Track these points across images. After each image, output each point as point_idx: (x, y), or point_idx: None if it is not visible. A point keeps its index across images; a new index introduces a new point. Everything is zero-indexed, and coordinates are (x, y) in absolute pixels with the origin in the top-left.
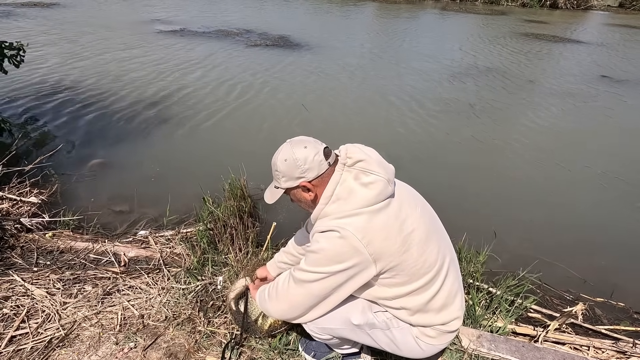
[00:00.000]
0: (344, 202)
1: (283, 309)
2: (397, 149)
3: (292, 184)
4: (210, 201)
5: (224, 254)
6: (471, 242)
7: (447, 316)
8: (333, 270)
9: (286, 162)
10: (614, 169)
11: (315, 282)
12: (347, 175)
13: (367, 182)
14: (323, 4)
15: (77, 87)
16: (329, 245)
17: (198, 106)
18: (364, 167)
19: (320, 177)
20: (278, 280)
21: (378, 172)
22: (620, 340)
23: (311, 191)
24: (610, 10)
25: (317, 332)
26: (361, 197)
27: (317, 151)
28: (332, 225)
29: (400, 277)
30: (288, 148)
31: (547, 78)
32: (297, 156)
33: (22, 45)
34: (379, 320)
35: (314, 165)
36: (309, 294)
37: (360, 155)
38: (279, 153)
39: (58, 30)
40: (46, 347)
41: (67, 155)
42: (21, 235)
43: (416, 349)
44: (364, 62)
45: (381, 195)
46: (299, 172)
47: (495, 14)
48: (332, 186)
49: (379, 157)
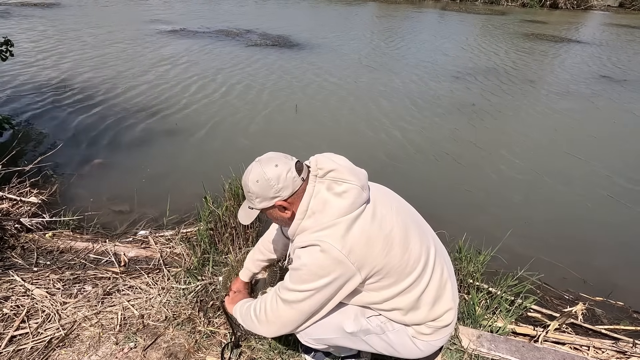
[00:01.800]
0: (320, 215)
1: (273, 330)
2: (395, 149)
3: (268, 204)
4: (211, 201)
5: (224, 254)
6: (471, 242)
7: (440, 309)
8: (319, 286)
9: (258, 183)
10: (614, 168)
11: (303, 302)
12: (319, 187)
13: (340, 192)
14: (323, 4)
15: (77, 87)
16: (311, 260)
17: (198, 106)
18: (335, 177)
19: (296, 194)
20: (265, 303)
21: (350, 180)
22: (620, 340)
23: (287, 209)
24: (610, 10)
25: (313, 343)
26: (336, 207)
27: (289, 168)
28: (311, 239)
29: (387, 279)
30: (258, 168)
31: (547, 78)
32: (269, 176)
33: (9, 41)
34: (373, 325)
35: (288, 183)
36: (300, 312)
37: (331, 165)
38: (249, 174)
39: (58, 30)
40: (46, 347)
41: (67, 155)
42: (21, 235)
43: (414, 350)
44: (363, 62)
45: (356, 203)
46: (273, 192)
47: (495, 13)
48: (307, 200)
49: (349, 165)
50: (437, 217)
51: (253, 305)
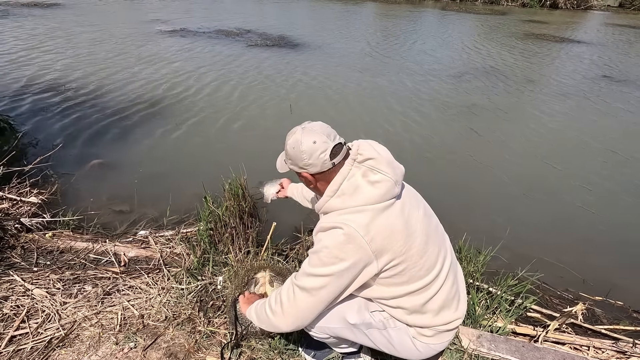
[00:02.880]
0: (349, 198)
1: (290, 322)
2: (395, 149)
3: (296, 169)
4: (211, 201)
5: (224, 254)
6: (471, 242)
7: (444, 318)
8: (338, 270)
9: (294, 149)
10: (614, 168)
11: (322, 289)
12: (355, 171)
13: (374, 181)
14: (323, 4)
15: (77, 87)
16: (333, 242)
17: (198, 106)
18: (373, 165)
19: (323, 174)
20: (280, 295)
21: (386, 172)
22: (620, 340)
23: (312, 183)
24: (610, 10)
25: (315, 330)
26: (366, 194)
27: (324, 149)
28: (336, 221)
29: (400, 276)
30: (299, 135)
31: (547, 78)
32: (303, 148)
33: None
34: (375, 320)
35: (317, 162)
36: (318, 300)
37: (371, 153)
38: (292, 135)
39: (58, 30)
40: (46, 347)
41: (67, 155)
42: (21, 235)
43: (413, 350)
44: (363, 62)
45: (387, 195)
46: (302, 163)
47: (495, 13)
48: (340, 180)
49: (389, 157)
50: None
51: (268, 301)
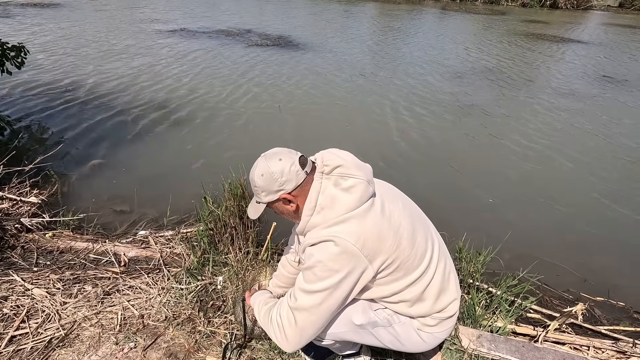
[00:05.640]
0: (329, 211)
1: (293, 345)
2: (394, 150)
3: (273, 197)
4: (211, 201)
5: (224, 254)
6: (471, 243)
7: (445, 300)
8: (335, 282)
9: (263, 177)
10: (614, 168)
11: (322, 304)
12: (327, 183)
13: (347, 187)
14: (323, 4)
15: (77, 88)
16: (325, 255)
17: (198, 106)
18: (342, 172)
19: (300, 187)
20: (280, 318)
21: (357, 175)
22: (620, 340)
23: (292, 202)
24: (610, 10)
25: (321, 339)
26: (344, 202)
27: (292, 162)
28: (323, 235)
29: (396, 273)
30: (263, 162)
31: (547, 78)
32: (273, 170)
33: (23, 47)
34: (380, 318)
35: (291, 176)
36: (319, 318)
37: (337, 161)
38: (255, 168)
39: (58, 30)
40: (46, 347)
41: (67, 155)
42: (21, 235)
43: (419, 342)
44: (363, 62)
45: (364, 197)
46: (277, 185)
47: (495, 13)
48: (314, 196)
49: (355, 160)
50: (437, 217)
51: (270, 322)
